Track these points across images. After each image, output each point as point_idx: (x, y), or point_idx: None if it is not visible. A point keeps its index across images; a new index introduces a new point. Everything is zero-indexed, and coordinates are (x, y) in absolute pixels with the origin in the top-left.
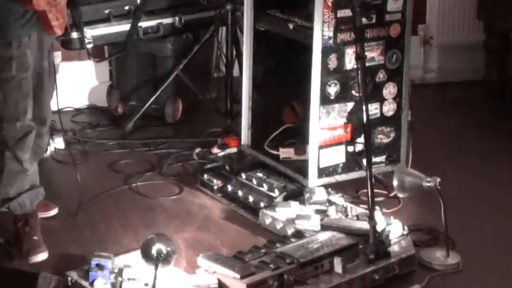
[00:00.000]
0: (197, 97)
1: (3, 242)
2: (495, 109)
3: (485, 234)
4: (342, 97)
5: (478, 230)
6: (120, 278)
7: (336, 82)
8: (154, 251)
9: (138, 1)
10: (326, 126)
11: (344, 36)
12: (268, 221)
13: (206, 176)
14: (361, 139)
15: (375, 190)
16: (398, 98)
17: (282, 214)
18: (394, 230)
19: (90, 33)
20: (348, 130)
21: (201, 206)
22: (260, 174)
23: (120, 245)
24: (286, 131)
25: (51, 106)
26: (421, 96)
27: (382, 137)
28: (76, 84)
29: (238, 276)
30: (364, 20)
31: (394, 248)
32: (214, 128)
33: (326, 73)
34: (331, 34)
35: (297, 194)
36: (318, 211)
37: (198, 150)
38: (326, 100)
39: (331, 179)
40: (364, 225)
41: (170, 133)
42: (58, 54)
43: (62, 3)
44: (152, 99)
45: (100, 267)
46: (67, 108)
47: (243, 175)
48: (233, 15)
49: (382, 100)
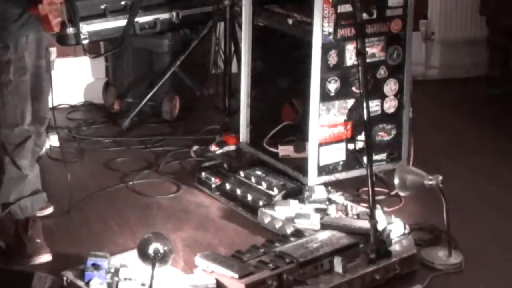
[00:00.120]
0: (194, 94)
1: (5, 246)
2: (498, 106)
3: (488, 233)
4: (343, 93)
5: (481, 229)
6: (116, 278)
7: (336, 78)
8: (151, 251)
9: None
10: (326, 123)
11: (344, 31)
12: (267, 220)
13: (204, 174)
14: (361, 137)
15: (376, 189)
16: (399, 95)
17: (281, 213)
18: (395, 229)
19: (86, 28)
20: (348, 127)
21: (198, 204)
22: (259, 172)
23: (116, 244)
24: (285, 129)
25: (48, 106)
26: (422, 93)
27: (383, 134)
28: (71, 80)
29: (236, 276)
30: (364, 15)
31: (395, 247)
32: (212, 125)
33: (326, 69)
34: (331, 29)
35: (296, 192)
36: (318, 210)
37: (195, 147)
38: (326, 97)
39: (331, 177)
40: (364, 224)
41: (167, 130)
42: (53, 50)
43: (59, 0)
44: (148, 96)
45: (96, 267)
46: (63, 105)
47: (242, 173)
48: (231, 11)
49: (383, 97)
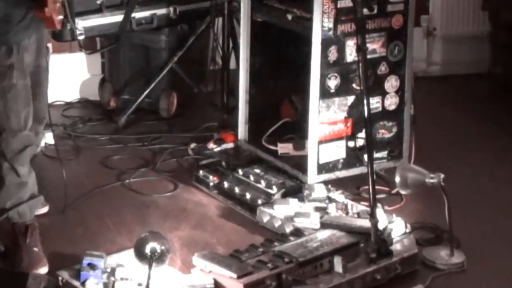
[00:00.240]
0: (192, 90)
1: (3, 249)
2: (501, 102)
3: (490, 232)
4: (343, 90)
5: (483, 228)
6: (112, 278)
7: (336, 75)
8: (148, 250)
9: None
10: (326, 121)
11: (344, 27)
12: (266, 219)
13: (201, 172)
14: (362, 134)
15: (377, 187)
16: (400, 91)
17: (281, 212)
18: (396, 228)
19: (82, 24)
20: (348, 124)
21: (196, 203)
22: (257, 170)
23: (112, 243)
24: (284, 126)
25: (47, 104)
26: (424, 89)
27: (384, 132)
28: (67, 77)
29: (235, 275)
30: (365, 10)
31: (396, 246)
32: (210, 122)
33: (326, 65)
34: (331, 25)
35: (296, 191)
36: (317, 209)
37: (193, 145)
38: (326, 93)
39: (331, 176)
40: (365, 223)
41: (164, 127)
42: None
43: None
44: (145, 93)
45: (92, 267)
46: (58, 102)
47: (240, 171)
48: (229, 6)
49: (384, 93)
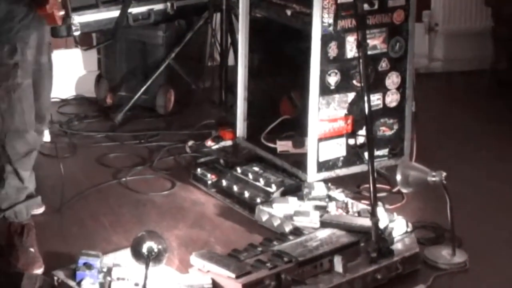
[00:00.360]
0: (190, 87)
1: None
2: (504, 99)
3: (493, 231)
4: (343, 87)
5: (486, 227)
6: (109, 278)
7: (336, 71)
8: (144, 249)
9: None
10: (325, 118)
11: (344, 23)
12: (264, 217)
13: (199, 170)
14: (362, 132)
15: (378, 185)
16: (401, 88)
17: (280, 210)
18: (398, 227)
19: (78, 19)
20: (349, 122)
21: (194, 202)
22: (256, 168)
23: (109, 243)
24: (283, 123)
25: (50, 103)
26: (425, 86)
27: (385, 129)
28: (62, 73)
29: (233, 275)
30: (366, 6)
31: (398, 246)
32: (208, 119)
33: (326, 62)
34: (331, 20)
35: (295, 189)
36: (317, 207)
37: (191, 143)
38: (326, 90)
39: (331, 174)
40: (365, 222)
41: (161, 125)
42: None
43: None
44: (142, 89)
45: (88, 266)
46: (53, 98)
47: (239, 169)
48: (228, 1)
49: (384, 90)
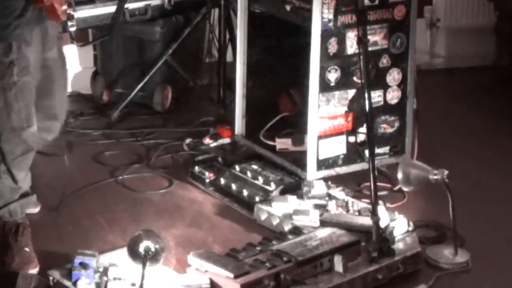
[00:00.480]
0: (187, 84)
1: None
2: (507, 96)
3: (496, 231)
4: (343, 84)
5: (489, 226)
6: (105, 278)
7: (336, 68)
8: (141, 249)
9: None
10: (325, 115)
11: (345, 18)
12: (263, 216)
13: (197, 168)
14: (363, 129)
15: (378, 184)
16: (402, 85)
17: (279, 209)
18: (399, 226)
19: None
20: (349, 119)
21: (192, 200)
22: (255, 167)
23: (105, 242)
24: (283, 121)
25: (66, 99)
26: (427, 82)
27: (386, 126)
28: None
29: (231, 275)
30: (366, 1)
31: (399, 245)
32: (206, 117)
33: (326, 58)
34: (331, 16)
35: (294, 187)
36: (317, 206)
37: (188, 140)
38: (325, 87)
39: (331, 172)
40: (366, 221)
41: (158, 122)
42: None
43: None
44: (139, 86)
45: (83, 266)
46: None
47: (237, 168)
48: None
49: (385, 87)
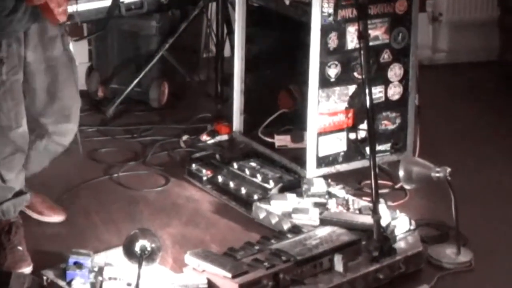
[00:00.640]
0: (184, 79)
1: None
2: (510, 92)
3: (499, 230)
4: (343, 79)
5: (492, 225)
6: (100, 278)
7: (336, 63)
8: (137, 248)
9: None
10: (325, 111)
11: (345, 12)
12: (262, 215)
13: (194, 166)
14: (364, 126)
15: (379, 181)
16: (404, 80)
17: (278, 208)
18: (400, 225)
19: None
20: (349, 115)
21: (188, 198)
22: (253, 164)
23: (100, 241)
24: (282, 117)
25: (77, 96)
26: (429, 78)
27: (387, 123)
28: None
29: (229, 275)
30: None
31: (400, 244)
32: (203, 113)
33: (326, 53)
34: (331, 10)
35: (294, 185)
36: (317, 204)
37: (185, 137)
38: (325, 82)
39: (331, 169)
40: (367, 219)
41: (155, 118)
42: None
43: None
44: (135, 82)
45: (78, 266)
46: None
47: (235, 165)
48: None
49: (387, 82)
